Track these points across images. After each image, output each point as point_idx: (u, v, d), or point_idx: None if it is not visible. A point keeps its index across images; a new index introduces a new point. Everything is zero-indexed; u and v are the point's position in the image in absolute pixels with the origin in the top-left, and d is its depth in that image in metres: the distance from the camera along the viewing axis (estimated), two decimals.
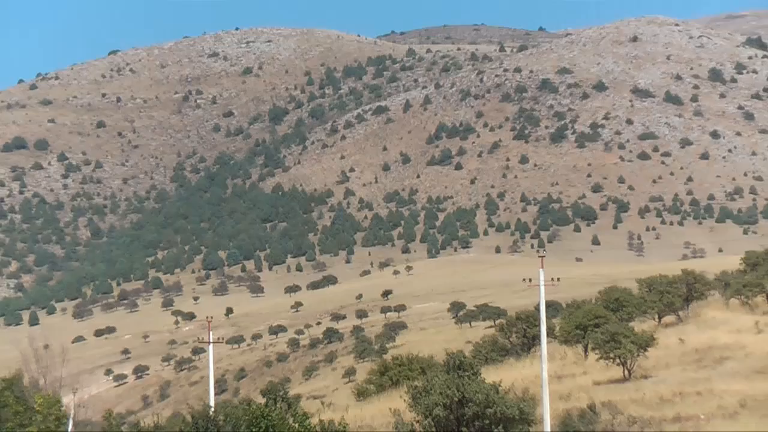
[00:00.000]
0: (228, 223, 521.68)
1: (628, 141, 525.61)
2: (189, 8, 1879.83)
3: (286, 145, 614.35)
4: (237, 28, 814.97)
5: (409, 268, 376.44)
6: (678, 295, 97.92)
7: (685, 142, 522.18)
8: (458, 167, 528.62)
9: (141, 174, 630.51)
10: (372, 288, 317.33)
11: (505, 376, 65.62)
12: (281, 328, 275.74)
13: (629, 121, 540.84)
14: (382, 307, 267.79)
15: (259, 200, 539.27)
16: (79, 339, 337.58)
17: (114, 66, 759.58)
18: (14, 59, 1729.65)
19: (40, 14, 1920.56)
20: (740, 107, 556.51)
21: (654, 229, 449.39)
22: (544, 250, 63.10)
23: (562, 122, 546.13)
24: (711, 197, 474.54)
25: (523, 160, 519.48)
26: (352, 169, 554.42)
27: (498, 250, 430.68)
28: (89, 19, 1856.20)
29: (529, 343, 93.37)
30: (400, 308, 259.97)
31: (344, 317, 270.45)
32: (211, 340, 71.12)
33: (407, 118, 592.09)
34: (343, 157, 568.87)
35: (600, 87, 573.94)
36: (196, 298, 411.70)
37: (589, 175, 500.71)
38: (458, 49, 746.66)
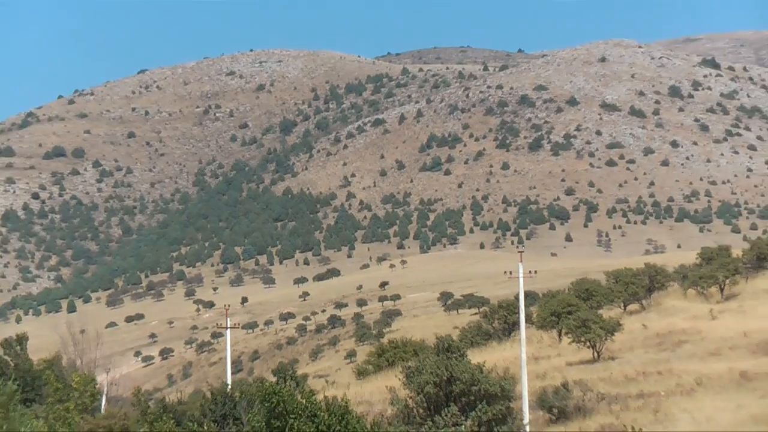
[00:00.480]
0: (243, 222, 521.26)
1: (597, 150, 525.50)
2: (209, 32, 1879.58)
3: (295, 154, 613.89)
4: (251, 50, 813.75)
5: (403, 262, 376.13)
6: (641, 286, 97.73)
7: (648, 151, 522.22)
8: (447, 173, 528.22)
9: (166, 179, 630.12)
10: (371, 280, 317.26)
11: (488, 357, 65.57)
12: (290, 315, 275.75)
13: (598, 132, 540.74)
14: (380, 297, 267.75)
15: (271, 202, 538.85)
16: (111, 325, 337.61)
17: (143, 83, 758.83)
18: (54, 77, 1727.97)
19: (77, 37, 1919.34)
20: (696, 120, 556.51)
21: (620, 227, 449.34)
22: (523, 246, 63.10)
23: (539, 133, 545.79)
24: (671, 199, 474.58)
25: (505, 166, 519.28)
26: (353, 175, 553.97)
27: (482, 246, 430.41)
28: (121, 41, 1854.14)
29: (510, 328, 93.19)
30: (396, 297, 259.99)
31: (346, 305, 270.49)
32: (229, 326, 71.07)
33: (402, 130, 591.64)
34: (345, 164, 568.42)
35: (572, 102, 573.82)
36: (215, 289, 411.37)
37: (563, 180, 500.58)
38: (447, 68, 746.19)
